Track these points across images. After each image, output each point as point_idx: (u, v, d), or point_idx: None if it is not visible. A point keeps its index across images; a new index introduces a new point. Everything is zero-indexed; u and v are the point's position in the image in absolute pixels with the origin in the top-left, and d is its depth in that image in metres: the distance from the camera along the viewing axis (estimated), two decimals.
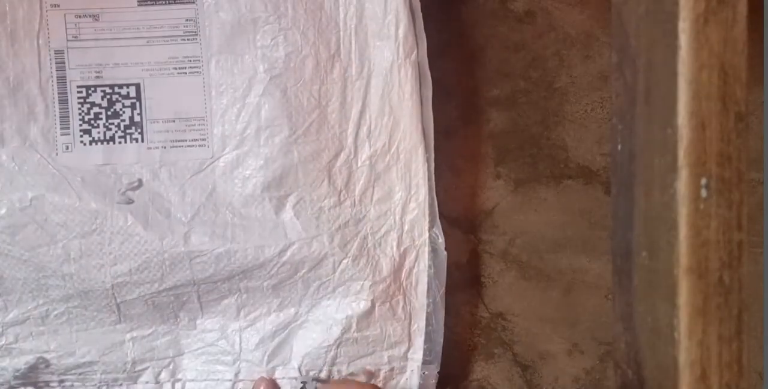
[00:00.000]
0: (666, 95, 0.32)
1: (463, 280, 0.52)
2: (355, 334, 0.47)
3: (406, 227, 0.48)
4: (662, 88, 0.33)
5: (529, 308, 0.53)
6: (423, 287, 0.48)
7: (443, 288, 0.48)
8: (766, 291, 0.43)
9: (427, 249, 0.47)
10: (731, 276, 0.31)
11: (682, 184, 0.31)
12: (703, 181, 0.31)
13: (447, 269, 0.48)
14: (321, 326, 0.48)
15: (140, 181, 0.47)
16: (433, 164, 0.47)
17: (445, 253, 0.48)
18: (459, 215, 0.52)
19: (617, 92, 0.40)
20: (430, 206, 0.47)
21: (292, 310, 0.48)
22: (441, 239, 0.48)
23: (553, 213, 0.53)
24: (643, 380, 0.36)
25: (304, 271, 0.47)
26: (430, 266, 0.48)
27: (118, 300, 0.47)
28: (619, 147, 0.40)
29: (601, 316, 0.53)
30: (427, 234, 0.47)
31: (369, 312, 0.47)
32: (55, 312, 0.47)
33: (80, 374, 0.48)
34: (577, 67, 0.52)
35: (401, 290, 0.48)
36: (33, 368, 0.47)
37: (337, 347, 0.47)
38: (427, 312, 0.48)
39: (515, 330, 0.53)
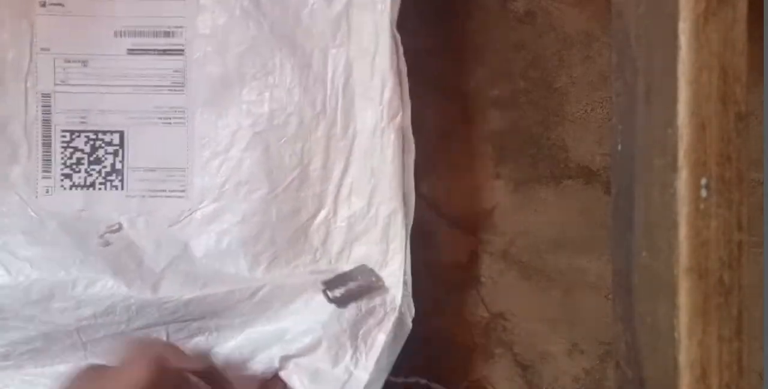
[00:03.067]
0: (666, 95, 0.32)
1: (463, 280, 0.52)
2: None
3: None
4: (662, 88, 0.33)
5: (529, 308, 0.53)
6: (375, 354, 0.45)
7: (393, 360, 0.45)
8: (766, 291, 0.43)
9: (394, 317, 0.45)
10: (731, 276, 0.31)
11: (682, 184, 0.31)
12: (703, 181, 0.31)
13: (447, 269, 0.48)
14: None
15: (120, 225, 0.46)
16: (409, 232, 0.46)
17: (410, 326, 0.46)
18: (459, 215, 0.52)
19: (617, 92, 0.40)
20: (404, 274, 0.46)
21: (261, 344, 0.46)
22: (412, 310, 0.46)
23: (553, 213, 0.53)
24: (643, 380, 0.37)
25: (275, 308, 0.46)
26: (390, 334, 0.45)
27: (84, 340, 0.45)
28: (619, 147, 0.40)
29: (601, 316, 0.53)
30: (398, 302, 0.46)
31: (313, 347, 0.45)
32: (17, 352, 0.45)
33: None
34: (577, 68, 0.52)
35: (354, 346, 0.45)
36: None
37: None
38: (368, 380, 0.44)
39: (515, 330, 0.53)
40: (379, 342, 0.45)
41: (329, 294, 0.45)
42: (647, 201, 0.35)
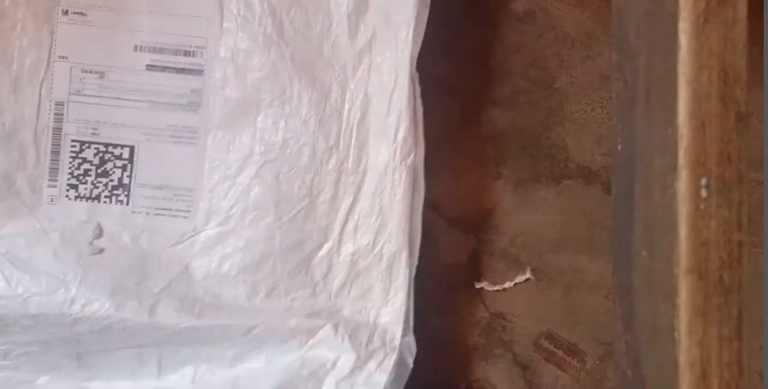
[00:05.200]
0: (666, 95, 0.32)
1: (463, 280, 0.52)
2: None
3: (378, 329, 0.46)
4: (662, 88, 0.33)
5: (529, 308, 0.53)
6: None
7: None
8: (766, 291, 0.43)
9: (394, 357, 0.45)
10: (731, 276, 0.31)
11: (682, 184, 0.31)
12: (703, 181, 0.31)
13: (447, 269, 0.48)
14: None
15: (99, 226, 0.46)
16: (414, 272, 0.46)
17: (411, 366, 0.46)
18: (459, 215, 0.52)
19: (617, 92, 0.40)
20: (406, 313, 0.46)
21: (248, 381, 0.46)
22: (413, 350, 0.46)
23: (553, 213, 0.53)
24: (643, 380, 0.36)
25: (268, 346, 0.46)
26: (390, 375, 0.45)
27: (79, 351, 0.46)
28: (619, 147, 0.40)
29: (601, 316, 0.53)
30: (398, 341, 0.46)
31: None
32: (15, 352, 0.46)
33: None
34: (577, 67, 0.52)
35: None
36: None
37: None
38: None
39: (515, 330, 0.53)
40: (380, 384, 0.45)
41: None
42: (647, 201, 0.35)
